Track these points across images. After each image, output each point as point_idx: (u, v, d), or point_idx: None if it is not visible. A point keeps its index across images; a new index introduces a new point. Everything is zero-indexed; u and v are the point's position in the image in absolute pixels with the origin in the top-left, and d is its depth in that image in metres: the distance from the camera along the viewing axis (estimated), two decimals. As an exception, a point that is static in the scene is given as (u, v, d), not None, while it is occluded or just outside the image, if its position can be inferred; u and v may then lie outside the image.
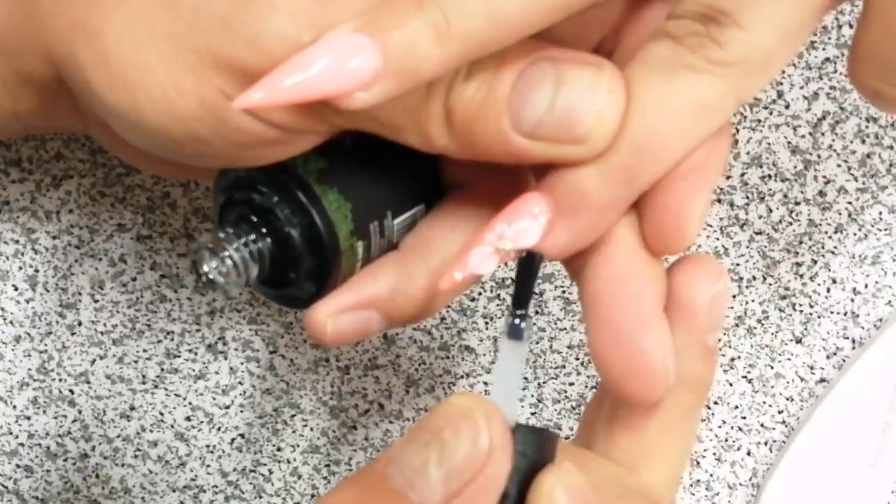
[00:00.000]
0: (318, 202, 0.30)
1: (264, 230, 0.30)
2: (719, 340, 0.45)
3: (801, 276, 0.45)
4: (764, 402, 0.46)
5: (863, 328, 0.45)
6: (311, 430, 0.47)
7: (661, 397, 0.29)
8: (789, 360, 0.46)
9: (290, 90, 0.26)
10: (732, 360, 0.46)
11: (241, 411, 0.47)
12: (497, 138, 0.28)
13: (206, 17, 0.27)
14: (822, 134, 0.43)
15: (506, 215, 0.29)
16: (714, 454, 0.47)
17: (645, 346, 0.28)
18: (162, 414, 0.47)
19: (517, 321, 0.28)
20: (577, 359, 0.46)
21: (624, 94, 0.28)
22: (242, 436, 0.47)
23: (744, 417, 0.46)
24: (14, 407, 0.47)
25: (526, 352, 0.28)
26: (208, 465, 0.48)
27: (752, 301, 0.45)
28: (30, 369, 0.46)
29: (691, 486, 0.47)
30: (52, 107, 0.32)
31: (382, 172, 0.31)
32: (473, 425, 0.25)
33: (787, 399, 0.46)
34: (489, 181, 0.32)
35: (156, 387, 0.46)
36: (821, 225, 0.44)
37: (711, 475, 0.47)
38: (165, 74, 0.28)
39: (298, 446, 0.47)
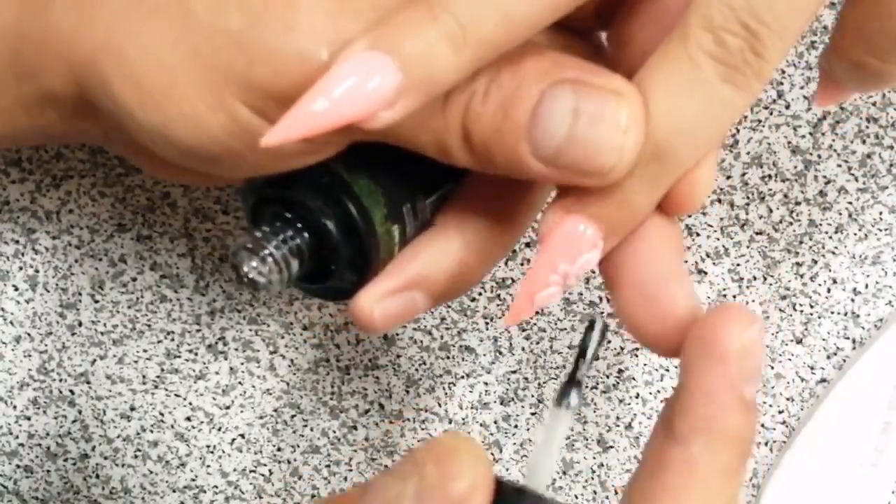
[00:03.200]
0: (350, 190, 0.30)
1: (300, 225, 0.30)
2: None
3: (802, 276, 0.45)
4: (764, 403, 0.46)
5: (863, 328, 0.45)
6: (311, 430, 0.47)
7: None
8: (790, 360, 0.46)
9: (315, 121, 0.26)
10: (733, 360, 0.46)
11: (241, 411, 0.47)
12: (516, 162, 0.28)
13: (223, 36, 0.27)
14: (823, 134, 0.43)
15: (564, 254, 0.28)
16: (714, 454, 0.47)
17: (670, 301, 0.29)
18: (162, 414, 0.47)
19: (572, 390, 0.28)
20: (578, 359, 0.46)
21: (644, 124, 0.27)
22: (242, 436, 0.47)
23: (744, 417, 0.46)
24: (14, 407, 0.47)
25: (571, 420, 0.28)
26: (208, 465, 0.48)
27: (752, 301, 0.45)
28: (30, 369, 0.46)
29: (691, 486, 0.47)
30: (73, 122, 0.32)
31: (410, 155, 0.31)
32: (457, 465, 0.25)
33: (788, 399, 0.46)
34: None
35: (156, 387, 0.46)
36: (821, 225, 0.44)
37: (712, 475, 0.47)
38: (194, 91, 0.28)
39: (298, 446, 0.47)
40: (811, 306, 0.45)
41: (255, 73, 0.27)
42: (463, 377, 0.46)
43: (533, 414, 0.47)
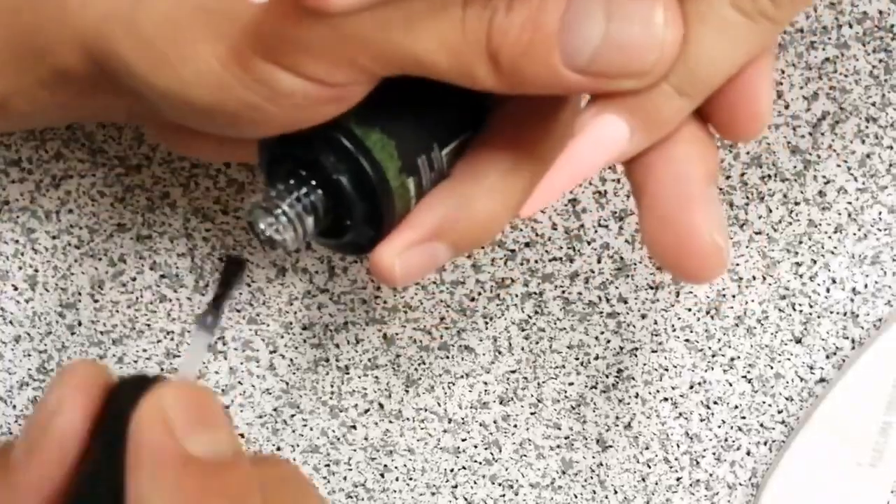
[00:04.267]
0: (361, 145, 0.29)
1: (314, 182, 0.30)
2: (718, 341, 0.45)
3: (801, 276, 0.45)
4: (764, 402, 0.46)
5: (862, 328, 0.45)
6: (311, 430, 0.47)
7: (714, 278, 0.29)
8: (789, 360, 0.45)
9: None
10: (732, 360, 0.46)
11: (241, 411, 0.47)
12: (548, 76, 0.27)
13: None
14: (822, 134, 0.43)
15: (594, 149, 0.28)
16: (714, 454, 0.47)
17: (691, 226, 0.28)
18: (162, 414, 0.47)
19: (209, 318, 0.30)
20: (577, 359, 0.46)
21: (681, 24, 0.26)
22: (242, 436, 0.47)
23: (743, 417, 0.46)
24: (14, 407, 0.47)
25: (210, 338, 0.30)
26: (208, 465, 0.48)
27: (752, 301, 0.45)
28: (30, 369, 0.46)
29: (691, 486, 0.47)
30: (93, 98, 0.32)
31: (423, 105, 0.31)
32: (56, 386, 0.27)
33: (787, 399, 0.46)
34: (533, 97, 0.31)
35: (156, 387, 0.46)
36: (820, 225, 0.44)
37: (711, 475, 0.47)
38: (205, 48, 0.27)
39: (298, 446, 0.47)
40: (810, 306, 0.45)
41: (265, 21, 0.26)
42: (462, 377, 0.46)
43: (532, 413, 0.47)
